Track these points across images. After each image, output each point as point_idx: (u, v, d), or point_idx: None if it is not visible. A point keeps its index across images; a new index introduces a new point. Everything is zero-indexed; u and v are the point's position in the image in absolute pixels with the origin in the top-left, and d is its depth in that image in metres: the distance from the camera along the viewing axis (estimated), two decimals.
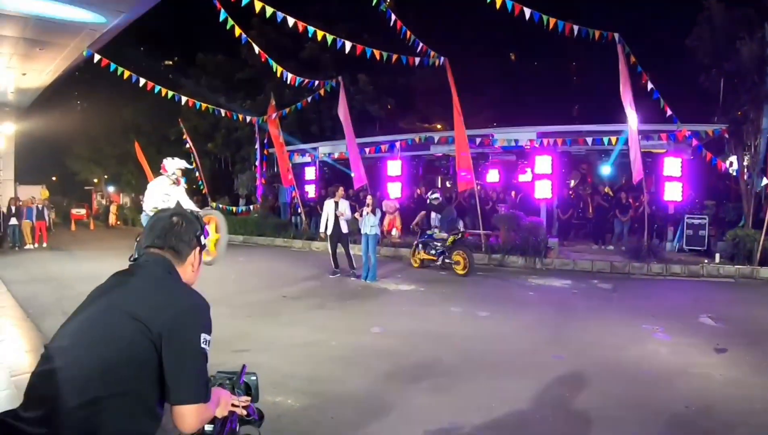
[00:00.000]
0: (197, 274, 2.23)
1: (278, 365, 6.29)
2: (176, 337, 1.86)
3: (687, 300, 10.37)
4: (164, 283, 2.00)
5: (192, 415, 1.88)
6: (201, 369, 1.92)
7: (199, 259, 2.20)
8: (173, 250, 2.10)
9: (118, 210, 34.69)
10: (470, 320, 8.73)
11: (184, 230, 2.13)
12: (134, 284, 1.99)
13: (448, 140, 18.60)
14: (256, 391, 2.35)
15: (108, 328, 1.85)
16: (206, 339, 1.93)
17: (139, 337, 1.83)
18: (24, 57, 15.83)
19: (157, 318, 1.85)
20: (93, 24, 13.44)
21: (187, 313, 1.93)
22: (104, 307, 1.92)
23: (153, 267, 2.04)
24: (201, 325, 1.94)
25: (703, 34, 14.69)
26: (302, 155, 23.67)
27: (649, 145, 15.95)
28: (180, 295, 1.99)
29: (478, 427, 4.72)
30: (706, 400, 5.27)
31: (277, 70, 16.31)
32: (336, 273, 12.68)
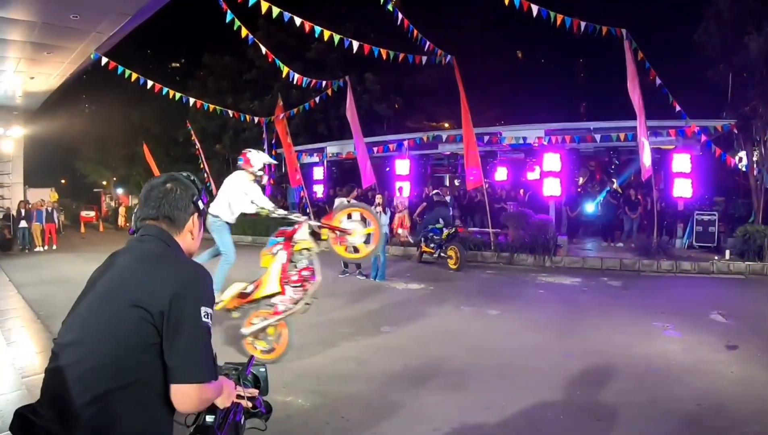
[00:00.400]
0: (198, 241, 2.13)
1: (288, 365, 6.30)
2: (176, 313, 1.77)
3: (697, 297, 10.32)
4: (161, 259, 1.90)
5: (192, 395, 1.80)
6: (204, 344, 1.83)
7: (198, 226, 2.09)
8: (169, 219, 2.00)
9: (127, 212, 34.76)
10: (480, 319, 8.72)
11: (179, 196, 2.01)
12: (131, 266, 1.91)
13: (456, 139, 18.56)
14: (265, 383, 2.29)
15: (110, 317, 1.80)
16: (207, 312, 1.83)
17: (142, 324, 1.77)
18: (32, 61, 15.88)
19: (156, 299, 1.78)
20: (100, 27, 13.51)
21: (185, 287, 1.82)
22: (104, 294, 1.87)
23: (149, 243, 1.96)
24: (201, 297, 1.84)
25: (710, 29, 14.62)
26: (310, 155, 23.70)
27: (657, 142, 15.85)
28: (177, 270, 1.88)
29: (489, 427, 4.72)
30: (717, 397, 5.25)
31: (284, 70, 16.32)
32: (345, 273, 12.65)
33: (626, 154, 18.63)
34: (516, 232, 14.93)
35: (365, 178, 16.60)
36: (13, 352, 6.22)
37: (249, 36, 14.43)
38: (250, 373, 2.26)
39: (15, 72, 16.97)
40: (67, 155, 41.01)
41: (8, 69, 16.62)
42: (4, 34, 13.64)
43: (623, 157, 19.09)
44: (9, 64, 16.13)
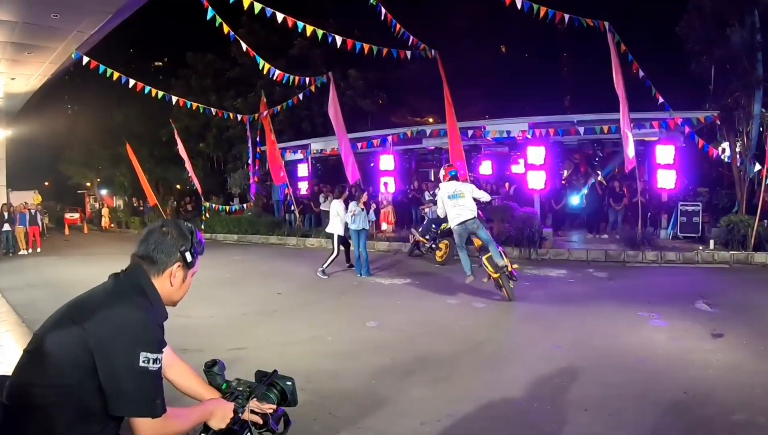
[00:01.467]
0: (182, 292, 2.16)
1: (275, 363, 6.11)
2: (109, 352, 1.81)
3: (682, 286, 10.33)
4: (120, 295, 1.94)
5: (144, 430, 1.83)
6: (140, 385, 1.83)
7: (182, 276, 2.11)
8: (150, 260, 2.05)
9: (111, 213, 34.52)
10: (467, 311, 8.71)
11: (168, 241, 2.07)
12: (96, 293, 1.98)
13: (440, 133, 18.55)
14: (292, 396, 2.27)
15: (58, 333, 1.85)
16: (148, 357, 1.83)
17: (80, 345, 1.80)
18: (12, 62, 15.71)
19: (94, 329, 1.82)
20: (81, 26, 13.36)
21: (122, 329, 1.84)
22: (63, 314, 1.92)
23: (123, 276, 2.02)
24: (137, 343, 1.84)
25: (693, 22, 14.67)
26: (294, 152, 23.62)
27: (641, 134, 15.92)
28: (124, 310, 1.89)
29: (476, 419, 4.71)
30: (704, 386, 5.25)
31: (265, 67, 16.22)
32: (325, 273, 12.24)
33: (610, 147, 18.72)
34: (501, 226, 14.95)
35: (350, 174, 16.55)
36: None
37: (231, 33, 14.33)
38: (266, 387, 2.22)
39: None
40: (50, 157, 40.57)
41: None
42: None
43: (607, 149, 19.18)
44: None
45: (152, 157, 31.81)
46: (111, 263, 2.16)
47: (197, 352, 6.61)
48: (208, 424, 2.03)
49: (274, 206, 23.84)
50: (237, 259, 16.11)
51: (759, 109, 13.87)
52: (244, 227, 21.81)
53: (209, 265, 14.28)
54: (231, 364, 6.07)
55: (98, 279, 2.10)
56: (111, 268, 2.13)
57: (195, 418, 2.01)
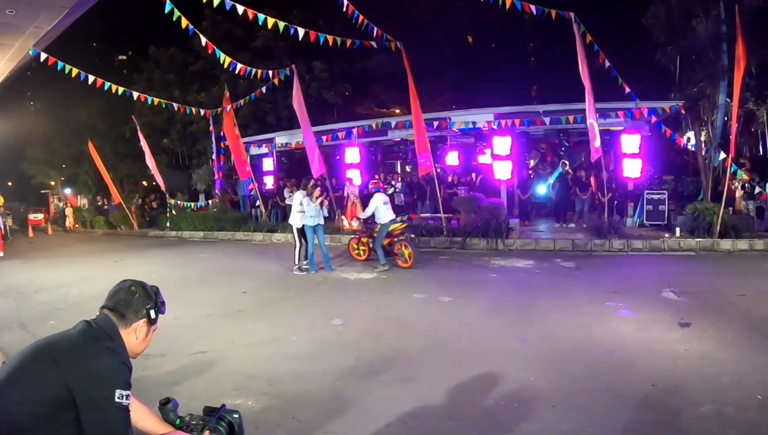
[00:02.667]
0: (144, 345, 2.36)
1: (238, 366, 6.14)
2: (90, 392, 1.99)
3: (649, 275, 10.39)
4: (94, 341, 2.12)
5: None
6: (117, 420, 2.03)
7: (146, 331, 2.33)
8: (120, 314, 2.25)
9: (75, 212, 33.76)
10: (433, 306, 8.63)
11: (136, 300, 2.29)
12: (71, 336, 2.14)
13: (405, 125, 18.44)
14: (239, 429, 2.39)
15: (35, 367, 2.02)
16: (122, 394, 2.04)
17: (57, 382, 1.97)
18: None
19: (73, 370, 2.00)
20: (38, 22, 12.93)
21: (101, 372, 2.03)
22: (40, 349, 2.09)
23: (94, 325, 2.19)
24: (115, 382, 2.04)
25: (659, 13, 14.74)
26: (259, 146, 23.28)
27: (606, 123, 15.99)
28: (101, 354, 2.08)
29: (442, 419, 4.62)
30: (672, 377, 5.24)
31: (225, 60, 15.92)
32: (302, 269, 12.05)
33: (576, 136, 18.80)
34: (468, 217, 14.94)
35: (314, 168, 16.37)
36: None
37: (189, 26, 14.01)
38: (216, 420, 2.34)
39: None
40: (12, 156, 39.45)
41: None
42: None
43: (573, 139, 19.26)
44: None
45: (116, 154, 31.08)
46: (76, 267, 2.18)
47: (159, 356, 6.45)
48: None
49: (240, 202, 23.53)
50: (202, 256, 15.81)
51: (724, 99, 13.98)
52: (210, 224, 21.49)
53: (174, 265, 14.19)
54: (195, 370, 5.95)
55: (63, 283, 2.26)
56: (76, 271, 2.26)
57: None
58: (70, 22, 13.74)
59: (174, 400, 2.40)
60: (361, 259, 13.03)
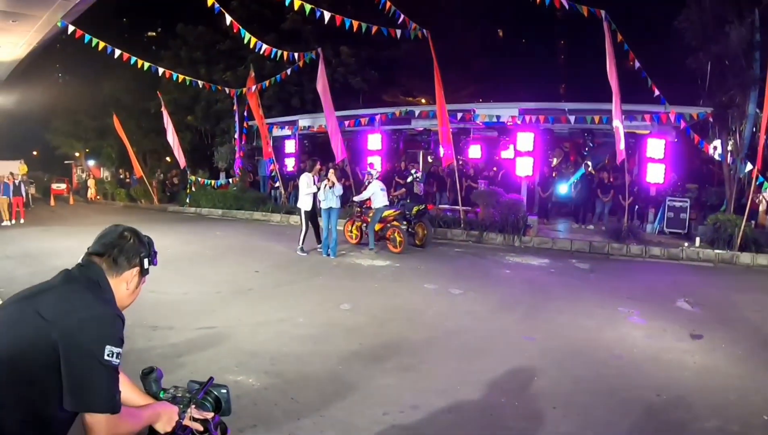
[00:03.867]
0: (133, 297, 2.15)
1: (243, 343, 6.17)
2: (75, 344, 1.78)
3: (665, 283, 10.22)
4: (82, 289, 1.92)
5: (99, 426, 1.80)
6: (102, 379, 1.80)
7: (137, 283, 2.12)
8: (112, 261, 2.03)
9: (97, 184, 34.14)
10: (443, 298, 8.57)
11: (130, 246, 2.07)
12: (55, 286, 1.94)
13: (429, 114, 18.30)
14: (227, 405, 2.23)
15: (16, 321, 1.83)
16: (112, 351, 1.82)
17: (40, 337, 1.77)
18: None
19: (60, 321, 1.79)
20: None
21: (90, 322, 1.83)
22: (23, 304, 1.89)
23: (80, 273, 1.99)
24: (105, 336, 1.83)
25: (691, 16, 14.43)
26: (282, 128, 23.30)
27: (632, 126, 15.77)
28: (90, 303, 1.88)
29: (440, 411, 4.58)
30: (678, 388, 5.13)
31: (251, 41, 15.89)
32: (304, 251, 12.17)
33: (601, 137, 18.53)
34: (486, 211, 14.83)
35: (337, 152, 16.34)
36: None
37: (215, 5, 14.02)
38: (205, 394, 2.20)
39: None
40: (38, 127, 39.89)
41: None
42: None
43: (598, 139, 19.00)
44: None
45: (140, 129, 31.29)
46: (93, 236, 2.04)
47: (167, 329, 6.51)
48: (155, 427, 2.02)
49: (260, 182, 23.61)
50: (219, 234, 15.93)
51: (753, 109, 13.66)
52: (229, 202, 21.61)
53: (191, 240, 14.27)
54: (200, 344, 5.97)
55: (79, 252, 2.06)
56: (92, 240, 2.02)
57: (145, 419, 1.99)
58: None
59: (158, 369, 2.22)
60: (353, 242, 13.35)
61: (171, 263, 10.34)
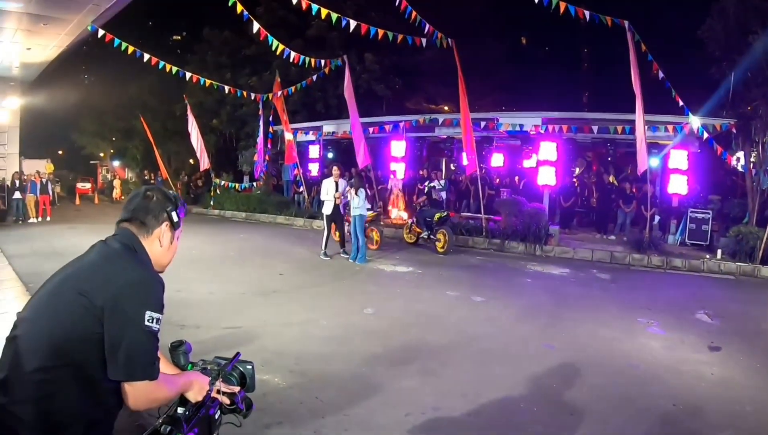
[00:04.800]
0: (170, 254, 2.20)
1: (268, 343, 6.31)
2: (116, 311, 1.82)
3: (685, 295, 10.24)
4: (117, 257, 1.97)
5: (137, 392, 1.85)
6: (143, 345, 1.85)
7: (170, 237, 2.15)
8: (139, 222, 2.08)
9: (122, 184, 34.68)
10: (464, 305, 8.67)
11: (154, 204, 2.10)
12: (90, 258, 2.00)
13: (453, 122, 18.40)
14: (251, 381, 2.30)
15: (57, 299, 1.88)
16: (152, 317, 1.86)
17: (84, 312, 1.81)
18: (28, 32, 15.69)
19: (101, 292, 1.83)
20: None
21: (129, 287, 1.87)
22: (60, 280, 1.95)
23: (113, 241, 2.04)
24: (145, 301, 1.87)
25: (715, 26, 14.40)
26: (306, 133, 23.53)
27: (655, 137, 15.75)
28: (126, 269, 1.92)
29: (462, 414, 4.69)
30: (695, 399, 5.19)
31: (278, 47, 16.12)
32: (327, 255, 12.38)
33: (624, 147, 18.50)
34: (508, 219, 14.86)
35: (360, 158, 16.51)
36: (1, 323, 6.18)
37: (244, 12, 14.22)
38: (233, 368, 2.26)
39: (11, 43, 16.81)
40: (64, 127, 40.55)
41: (5, 40, 16.45)
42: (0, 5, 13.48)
43: (621, 149, 18.97)
44: (5, 35, 15.96)
45: (165, 131, 31.75)
46: None
47: (194, 327, 6.67)
48: (186, 395, 2.06)
49: (284, 186, 23.84)
50: (242, 236, 16.16)
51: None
52: (253, 205, 21.85)
53: (214, 242, 14.49)
54: (225, 343, 6.13)
55: None
56: None
57: (179, 386, 2.02)
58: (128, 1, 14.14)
59: (187, 343, 2.26)
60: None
61: (196, 264, 10.58)
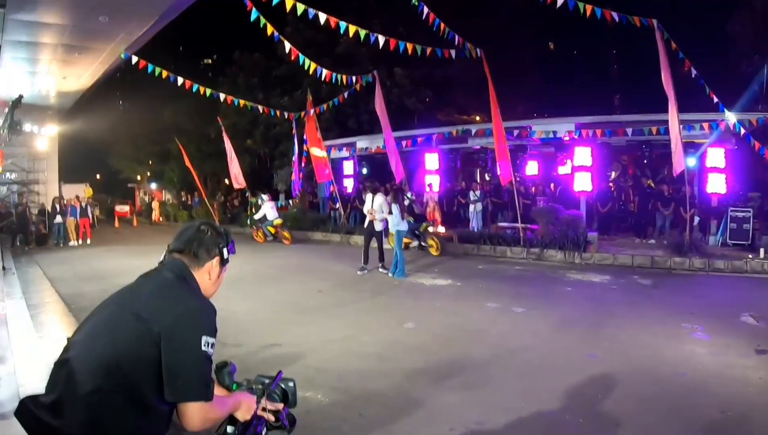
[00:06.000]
0: (216, 286, 2.28)
1: (310, 360, 6.37)
2: (175, 337, 1.91)
3: (729, 297, 10.04)
4: (172, 286, 2.06)
5: (193, 413, 1.93)
6: (200, 369, 1.94)
7: (218, 272, 2.24)
8: (193, 255, 2.16)
9: (161, 206, 35.33)
10: (505, 316, 8.63)
11: (208, 238, 2.20)
12: (146, 286, 2.08)
13: (485, 132, 18.36)
14: (293, 398, 2.38)
15: (114, 325, 1.96)
16: (208, 341, 1.96)
17: (141, 336, 1.90)
18: (63, 62, 16.21)
19: (159, 319, 1.92)
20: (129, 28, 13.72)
21: (186, 314, 1.96)
22: (116, 306, 2.04)
23: (167, 271, 2.12)
24: (201, 326, 1.97)
25: (743, 19, 14.18)
26: (340, 150, 23.73)
27: (690, 135, 15.46)
28: (182, 297, 2.03)
29: (506, 427, 4.68)
30: (743, 405, 5.09)
31: (311, 66, 16.32)
32: (364, 269, 12.50)
33: (659, 148, 18.23)
34: (545, 228, 14.75)
35: (396, 172, 16.61)
36: (44, 344, 6.35)
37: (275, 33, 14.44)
38: (276, 386, 2.34)
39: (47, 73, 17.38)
40: (101, 151, 41.67)
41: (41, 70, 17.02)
42: (36, 38, 14.01)
43: (656, 151, 18.69)
44: (42, 66, 16.52)
45: (200, 153, 32.29)
46: (156, 256, 2.25)
47: (235, 346, 6.76)
48: (235, 415, 2.14)
49: (320, 203, 24.02)
50: (280, 254, 16.31)
51: None
52: (289, 223, 21.99)
53: (252, 260, 14.65)
54: (267, 361, 6.22)
55: (146, 269, 2.21)
56: (156, 259, 2.24)
57: (230, 406, 2.11)
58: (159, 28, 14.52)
59: (232, 364, 2.36)
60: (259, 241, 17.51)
61: (235, 283, 10.67)
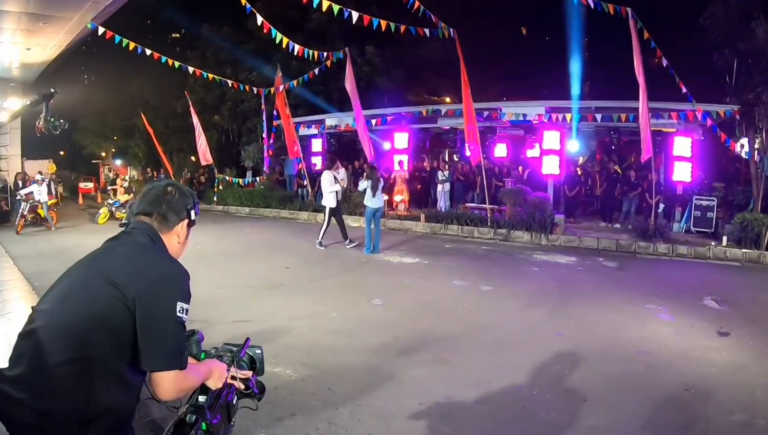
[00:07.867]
0: (183, 247, 2.24)
1: (278, 336, 6.32)
2: (150, 303, 1.85)
3: (692, 281, 10.23)
4: (144, 250, 2.01)
5: (167, 382, 1.87)
6: (175, 336, 1.89)
7: (186, 233, 2.21)
8: (162, 217, 2.11)
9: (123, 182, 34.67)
10: (472, 294, 8.68)
11: (176, 200, 2.14)
12: (116, 251, 2.02)
13: (455, 113, 18.29)
14: (260, 365, 2.36)
15: (86, 291, 1.88)
16: (183, 307, 1.91)
17: (115, 302, 1.83)
18: (28, 32, 15.63)
19: (133, 284, 1.85)
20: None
21: (162, 280, 1.91)
22: (86, 272, 1.96)
23: (137, 235, 2.06)
24: (176, 292, 1.91)
25: (717, 13, 14.33)
26: (309, 127, 23.48)
27: (659, 124, 15.64)
28: (157, 262, 1.98)
29: (474, 402, 4.71)
30: (706, 384, 5.21)
31: (283, 41, 16.06)
32: (352, 243, 12.70)
33: (627, 135, 18.45)
34: (513, 209, 14.86)
35: (367, 151, 16.52)
36: (7, 322, 6.20)
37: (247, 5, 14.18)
38: (245, 354, 2.34)
39: (11, 43, 16.77)
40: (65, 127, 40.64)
41: (4, 40, 16.39)
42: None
43: (624, 137, 18.91)
44: (5, 36, 15.90)
45: (167, 129, 31.70)
46: None
47: (201, 322, 6.66)
48: (207, 383, 2.10)
49: (287, 180, 23.82)
50: (247, 231, 16.16)
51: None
52: (257, 200, 21.80)
53: (220, 237, 14.49)
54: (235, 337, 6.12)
55: None
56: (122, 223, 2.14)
57: (203, 375, 2.07)
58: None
59: (199, 332, 2.31)
60: None
61: (202, 259, 10.58)
